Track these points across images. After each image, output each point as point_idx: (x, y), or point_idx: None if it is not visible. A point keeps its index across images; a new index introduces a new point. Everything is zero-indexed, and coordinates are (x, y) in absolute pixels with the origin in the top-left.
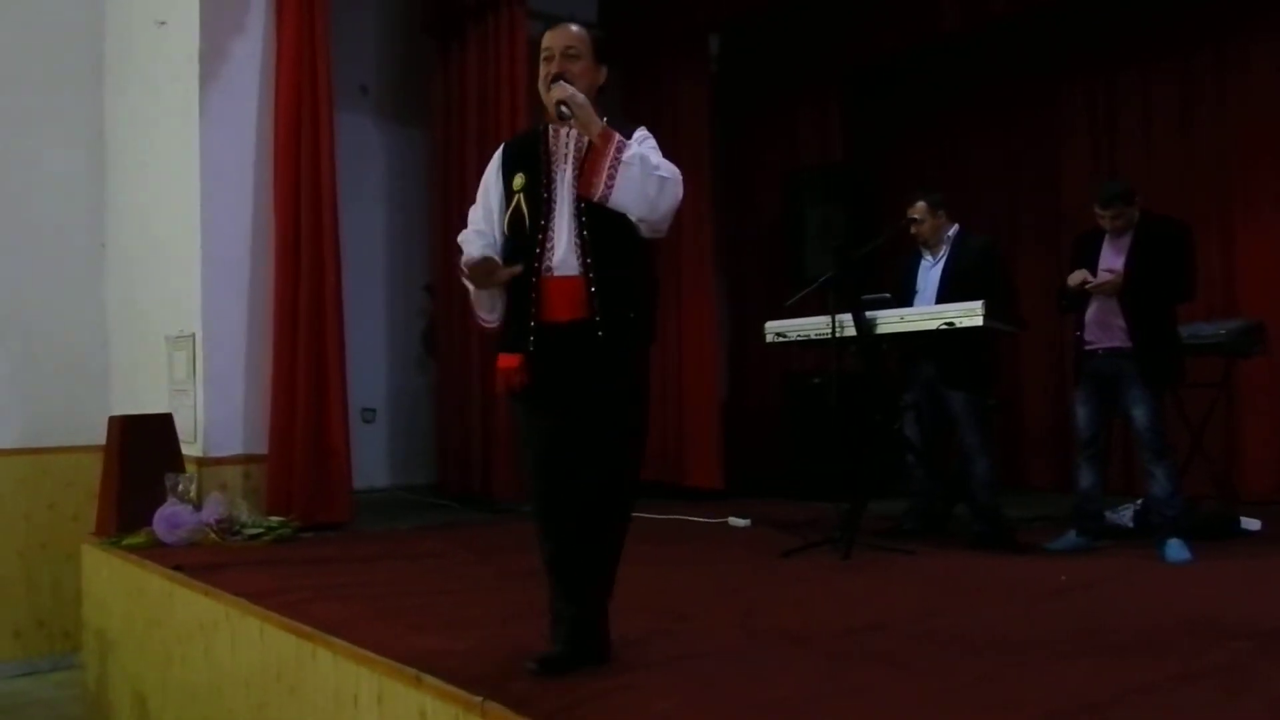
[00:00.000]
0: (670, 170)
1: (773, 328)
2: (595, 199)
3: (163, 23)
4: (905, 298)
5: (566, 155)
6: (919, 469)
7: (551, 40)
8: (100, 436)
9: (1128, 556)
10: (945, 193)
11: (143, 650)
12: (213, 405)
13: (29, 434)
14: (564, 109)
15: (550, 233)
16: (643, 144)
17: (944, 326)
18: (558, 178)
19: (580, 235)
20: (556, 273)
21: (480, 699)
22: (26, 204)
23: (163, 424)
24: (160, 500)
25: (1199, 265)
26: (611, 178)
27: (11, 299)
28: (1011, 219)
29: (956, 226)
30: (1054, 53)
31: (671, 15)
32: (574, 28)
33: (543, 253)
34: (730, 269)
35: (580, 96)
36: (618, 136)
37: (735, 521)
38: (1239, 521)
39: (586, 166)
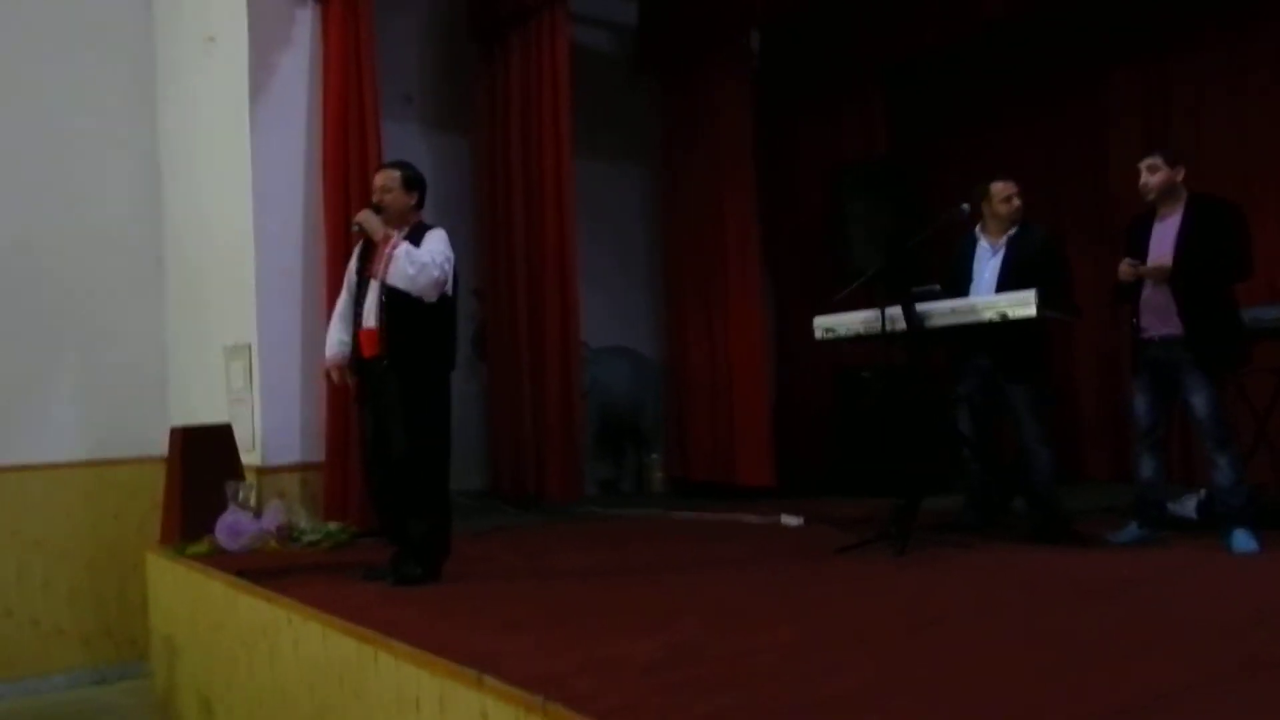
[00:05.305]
0: (430, 257)
1: (822, 323)
2: (379, 279)
3: (212, 39)
4: (960, 285)
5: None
6: (975, 463)
7: (377, 180)
8: (160, 446)
9: (1192, 548)
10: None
11: (208, 656)
12: (270, 414)
13: (92, 446)
14: (356, 226)
15: (365, 299)
16: (428, 238)
17: (997, 319)
18: (375, 265)
19: (380, 301)
20: (364, 325)
21: (541, 699)
22: (85, 220)
23: (223, 434)
24: (221, 508)
25: (1255, 244)
26: (385, 266)
27: (72, 312)
28: (1058, 207)
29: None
30: (1099, 36)
31: (712, 12)
32: (388, 172)
33: (360, 312)
34: (774, 264)
35: (362, 216)
36: (394, 237)
37: (788, 520)
38: None
39: (373, 258)
